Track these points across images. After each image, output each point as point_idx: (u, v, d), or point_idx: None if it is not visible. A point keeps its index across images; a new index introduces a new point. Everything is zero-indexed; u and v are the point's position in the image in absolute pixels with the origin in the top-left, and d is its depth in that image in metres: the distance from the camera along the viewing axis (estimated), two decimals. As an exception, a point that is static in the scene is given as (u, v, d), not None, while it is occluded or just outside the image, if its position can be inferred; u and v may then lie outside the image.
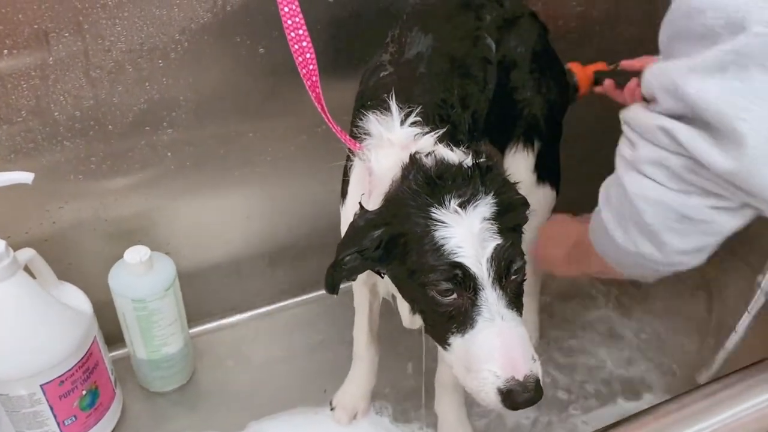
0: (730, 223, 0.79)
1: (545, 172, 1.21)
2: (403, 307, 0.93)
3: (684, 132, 0.74)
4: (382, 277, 0.87)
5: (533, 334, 1.42)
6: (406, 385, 1.33)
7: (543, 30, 1.20)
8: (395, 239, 0.81)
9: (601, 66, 1.28)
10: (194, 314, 1.37)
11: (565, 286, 1.52)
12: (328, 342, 1.41)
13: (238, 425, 1.27)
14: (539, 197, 1.21)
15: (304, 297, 1.50)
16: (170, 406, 1.32)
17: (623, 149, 0.83)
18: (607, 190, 0.88)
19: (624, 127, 0.84)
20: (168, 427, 1.28)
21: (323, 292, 1.45)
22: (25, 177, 0.95)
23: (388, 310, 1.20)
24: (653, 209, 0.79)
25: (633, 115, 0.82)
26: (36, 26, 1.04)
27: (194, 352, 1.37)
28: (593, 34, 1.43)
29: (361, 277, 1.11)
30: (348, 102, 1.08)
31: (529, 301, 1.39)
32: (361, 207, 0.85)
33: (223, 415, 1.30)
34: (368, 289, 1.14)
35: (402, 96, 0.91)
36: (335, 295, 0.86)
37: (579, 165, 1.29)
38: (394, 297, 1.00)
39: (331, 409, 1.28)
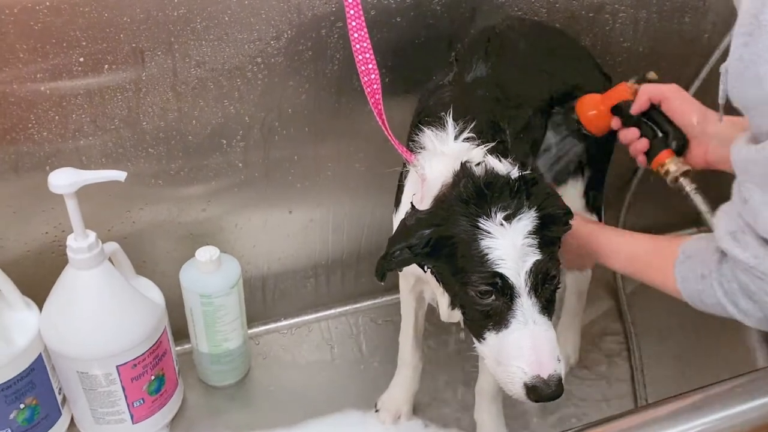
0: None
1: (591, 198, 1.26)
2: (442, 302, 1.00)
3: None
4: (425, 272, 0.93)
5: (573, 354, 1.46)
6: (446, 394, 1.39)
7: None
8: (444, 240, 0.87)
9: (622, 93, 1.12)
10: (253, 316, 1.46)
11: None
12: (376, 349, 1.49)
13: (287, 422, 1.35)
14: None
15: (357, 305, 1.57)
16: (226, 400, 1.40)
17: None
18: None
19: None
20: (222, 419, 1.37)
21: (375, 301, 1.57)
22: (119, 175, 1.05)
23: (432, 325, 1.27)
24: None
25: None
26: (134, 45, 1.15)
27: (251, 351, 1.45)
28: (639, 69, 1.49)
29: (408, 286, 1.19)
30: (405, 119, 1.16)
31: (572, 321, 1.45)
32: (413, 206, 0.92)
33: (274, 412, 1.37)
34: (414, 298, 1.21)
35: (458, 114, 0.98)
36: (382, 283, 0.94)
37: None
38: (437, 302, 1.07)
39: (376, 411, 1.35)
